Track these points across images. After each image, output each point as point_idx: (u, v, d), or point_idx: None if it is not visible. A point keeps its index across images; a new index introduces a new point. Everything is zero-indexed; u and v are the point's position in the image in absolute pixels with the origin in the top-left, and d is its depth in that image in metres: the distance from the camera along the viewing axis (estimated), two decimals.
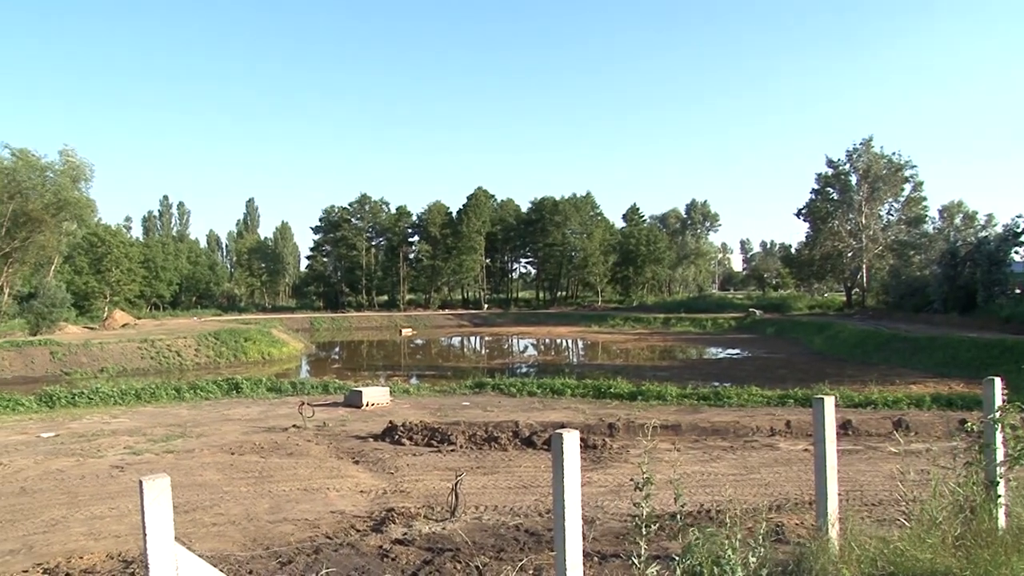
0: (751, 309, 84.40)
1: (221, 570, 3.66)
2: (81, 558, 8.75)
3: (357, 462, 14.64)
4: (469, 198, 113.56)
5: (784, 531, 8.22)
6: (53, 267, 72.99)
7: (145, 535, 3.30)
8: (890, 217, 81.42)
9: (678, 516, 6.36)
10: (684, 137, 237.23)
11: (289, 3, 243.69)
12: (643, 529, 5.08)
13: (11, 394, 26.23)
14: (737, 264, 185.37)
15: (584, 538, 4.71)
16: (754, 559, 5.29)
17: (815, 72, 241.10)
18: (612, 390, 24.58)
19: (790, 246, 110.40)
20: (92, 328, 65.44)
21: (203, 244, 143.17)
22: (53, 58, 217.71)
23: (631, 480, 6.85)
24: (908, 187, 79.29)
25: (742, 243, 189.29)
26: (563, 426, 14.57)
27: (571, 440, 4.35)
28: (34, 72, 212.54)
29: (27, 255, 65.86)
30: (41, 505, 11.77)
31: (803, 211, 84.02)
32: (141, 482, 3.33)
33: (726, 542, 5.35)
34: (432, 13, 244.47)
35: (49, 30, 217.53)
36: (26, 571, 8.43)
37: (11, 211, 59.91)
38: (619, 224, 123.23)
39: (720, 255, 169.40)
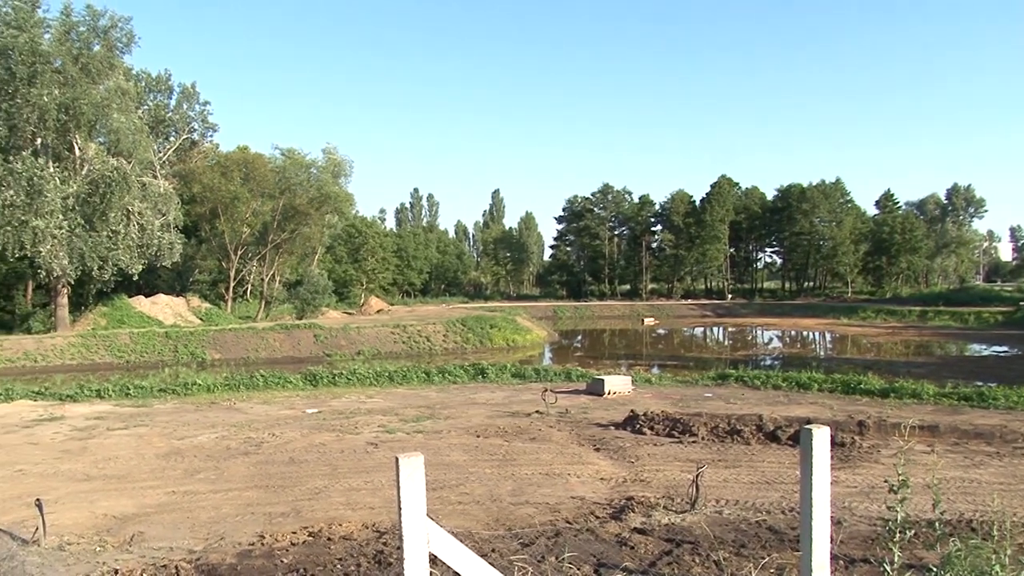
0: (1022, 303, 77.12)
1: (466, 547, 3.81)
2: (340, 525, 9.42)
3: (598, 449, 14.78)
4: (712, 186, 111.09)
5: None
6: (316, 256, 78.62)
7: (400, 508, 3.50)
8: None
9: (936, 524, 5.97)
10: (945, 118, 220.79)
11: (530, 4, 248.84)
12: (897, 535, 4.82)
13: (281, 373, 28.62)
14: (1006, 253, 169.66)
15: (831, 540, 4.53)
16: None
17: None
18: (862, 386, 23.25)
19: None
20: (350, 313, 70.13)
21: (451, 234, 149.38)
22: (320, 63, 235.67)
23: (884, 481, 6.49)
24: None
25: (1012, 230, 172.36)
26: (809, 421, 14.02)
27: (821, 436, 4.19)
28: (302, 76, 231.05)
29: (294, 246, 71.49)
30: (306, 474, 12.79)
31: None
32: (397, 459, 3.52)
33: (993, 556, 4.96)
34: (671, 10, 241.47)
35: (316, 41, 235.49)
36: (295, 532, 9.22)
37: (281, 206, 65.16)
38: (871, 211, 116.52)
39: (986, 243, 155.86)
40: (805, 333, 67.61)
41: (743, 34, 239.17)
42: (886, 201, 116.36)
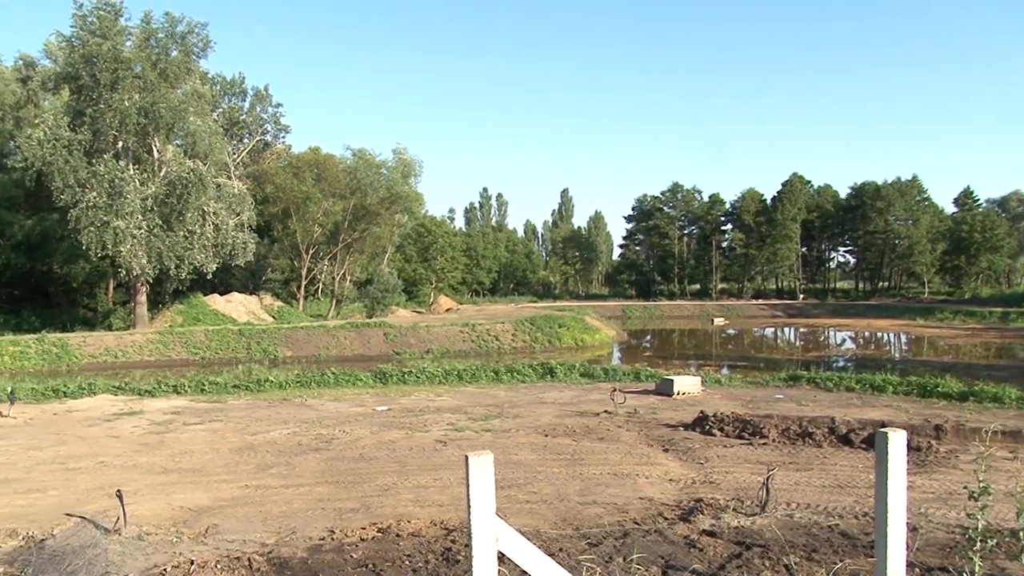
0: None
1: (534, 546, 3.82)
2: (409, 522, 9.50)
3: (667, 450, 14.66)
4: (784, 184, 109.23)
5: None
6: (386, 256, 79.46)
7: (469, 506, 3.52)
8: None
9: (1020, 534, 5.79)
10: None
11: (602, 4, 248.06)
12: (977, 543, 4.69)
13: (352, 370, 29.03)
14: None
15: (906, 547, 4.43)
16: None
17: None
18: (939, 389, 22.57)
19: None
20: (419, 312, 70.75)
21: (520, 233, 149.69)
22: (391, 64, 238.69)
23: (963, 488, 6.28)
24: None
25: None
26: (883, 424, 13.71)
27: (897, 440, 4.11)
28: (373, 77, 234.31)
29: (364, 245, 72.38)
30: (376, 471, 12.94)
31: None
32: (467, 457, 3.55)
33: None
34: (739, 10, 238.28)
35: (386, 41, 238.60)
36: (364, 528, 9.34)
37: (352, 206, 66.01)
38: (949, 209, 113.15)
39: None
40: (879, 334, 66.13)
41: (815, 33, 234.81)
42: (965, 198, 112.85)
